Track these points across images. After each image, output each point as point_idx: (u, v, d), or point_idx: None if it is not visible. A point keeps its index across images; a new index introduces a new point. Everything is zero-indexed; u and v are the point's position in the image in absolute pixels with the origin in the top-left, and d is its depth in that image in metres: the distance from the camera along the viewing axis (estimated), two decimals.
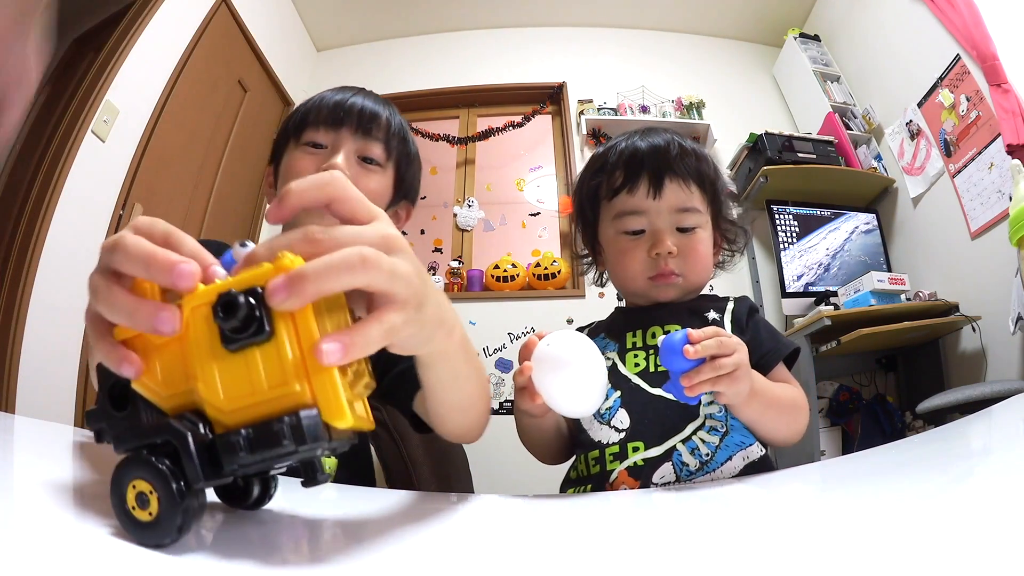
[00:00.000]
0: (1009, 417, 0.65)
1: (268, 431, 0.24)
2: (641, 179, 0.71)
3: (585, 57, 3.04)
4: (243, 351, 0.25)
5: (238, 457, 0.24)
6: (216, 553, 0.27)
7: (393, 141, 0.75)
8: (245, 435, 0.24)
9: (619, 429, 0.64)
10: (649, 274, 0.71)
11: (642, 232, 0.72)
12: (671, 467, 0.61)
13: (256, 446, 0.24)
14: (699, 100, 2.81)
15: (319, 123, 0.72)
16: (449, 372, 0.44)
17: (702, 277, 0.74)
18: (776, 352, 0.69)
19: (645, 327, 0.71)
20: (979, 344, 1.89)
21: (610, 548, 0.32)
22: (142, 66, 1.83)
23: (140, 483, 0.24)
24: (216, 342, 0.25)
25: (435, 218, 2.99)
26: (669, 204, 0.71)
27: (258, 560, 0.26)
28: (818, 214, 2.36)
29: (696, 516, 0.44)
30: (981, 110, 1.91)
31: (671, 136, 0.74)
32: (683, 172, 0.71)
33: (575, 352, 0.53)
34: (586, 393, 0.52)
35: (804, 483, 0.57)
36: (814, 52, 2.76)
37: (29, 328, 1.40)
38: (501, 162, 3.05)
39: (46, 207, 1.49)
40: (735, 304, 0.74)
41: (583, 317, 0.84)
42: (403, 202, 0.82)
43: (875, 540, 0.26)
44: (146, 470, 0.24)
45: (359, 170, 0.72)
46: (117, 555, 0.24)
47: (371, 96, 0.77)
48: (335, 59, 3.14)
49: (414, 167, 0.81)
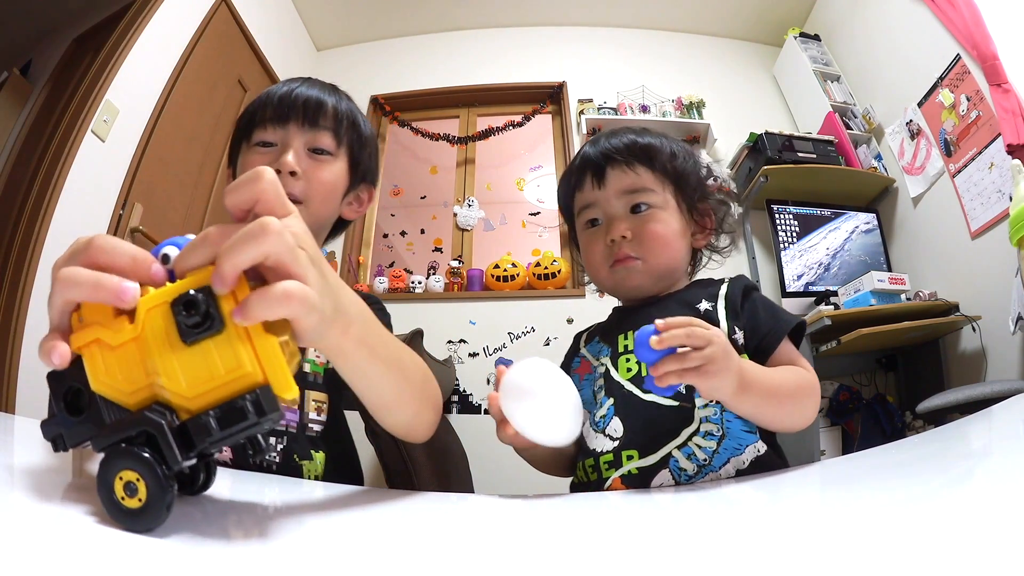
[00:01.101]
0: (1009, 417, 0.65)
1: (233, 409, 0.27)
2: (586, 175, 0.75)
3: (585, 57, 3.03)
4: (199, 343, 0.28)
5: (210, 435, 0.27)
6: (215, 554, 0.27)
7: (342, 128, 0.75)
8: (213, 415, 0.27)
9: (613, 438, 0.63)
10: (608, 262, 0.72)
11: (599, 222, 0.74)
12: (668, 474, 0.60)
13: (224, 423, 0.27)
14: (699, 100, 2.81)
15: (265, 121, 0.72)
16: (352, 369, 0.44)
17: (664, 257, 0.72)
18: (776, 332, 0.65)
19: (636, 328, 0.69)
20: (979, 344, 1.89)
21: (609, 548, 0.32)
22: (142, 66, 1.82)
23: (127, 473, 0.26)
24: (174, 338, 0.28)
25: (435, 218, 2.99)
26: (614, 189, 0.73)
27: (258, 560, 0.26)
28: (818, 214, 2.36)
29: (695, 516, 0.44)
30: (981, 110, 1.91)
31: (626, 134, 0.75)
32: (624, 158, 0.72)
33: (539, 380, 0.51)
34: (554, 422, 0.50)
35: (804, 483, 0.56)
36: (814, 52, 2.76)
37: (29, 328, 1.40)
38: (501, 162, 3.05)
39: (46, 207, 1.49)
40: (728, 287, 0.70)
41: (583, 317, 0.85)
42: (362, 185, 0.81)
43: (875, 540, 0.26)
44: (131, 460, 0.26)
45: (310, 163, 0.72)
46: (118, 555, 0.24)
47: (317, 84, 0.76)
48: (335, 59, 3.14)
49: (368, 149, 0.80)
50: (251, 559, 0.26)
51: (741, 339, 0.66)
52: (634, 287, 0.72)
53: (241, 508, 0.38)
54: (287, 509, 0.42)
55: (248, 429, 0.27)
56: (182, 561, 0.25)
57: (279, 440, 0.64)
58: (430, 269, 2.69)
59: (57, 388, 0.29)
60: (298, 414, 0.66)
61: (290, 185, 0.69)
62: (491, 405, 0.54)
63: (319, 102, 0.73)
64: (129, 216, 1.73)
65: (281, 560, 0.27)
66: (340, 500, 0.48)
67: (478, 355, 2.40)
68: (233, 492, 0.41)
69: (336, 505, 0.46)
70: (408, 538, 0.35)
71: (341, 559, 0.28)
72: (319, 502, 0.47)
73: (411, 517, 0.43)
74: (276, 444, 0.64)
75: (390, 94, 2.98)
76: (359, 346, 0.42)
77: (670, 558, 0.28)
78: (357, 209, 0.82)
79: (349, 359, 0.42)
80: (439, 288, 2.56)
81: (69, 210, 1.54)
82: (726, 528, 0.37)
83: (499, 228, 2.89)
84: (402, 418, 0.54)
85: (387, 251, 2.98)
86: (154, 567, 0.23)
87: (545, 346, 2.38)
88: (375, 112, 2.97)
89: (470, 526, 0.40)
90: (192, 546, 0.27)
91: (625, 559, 0.28)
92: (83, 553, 0.23)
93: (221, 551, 0.27)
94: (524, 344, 2.41)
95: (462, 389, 2.35)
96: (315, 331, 0.34)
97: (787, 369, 0.63)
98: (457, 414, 2.31)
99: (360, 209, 0.83)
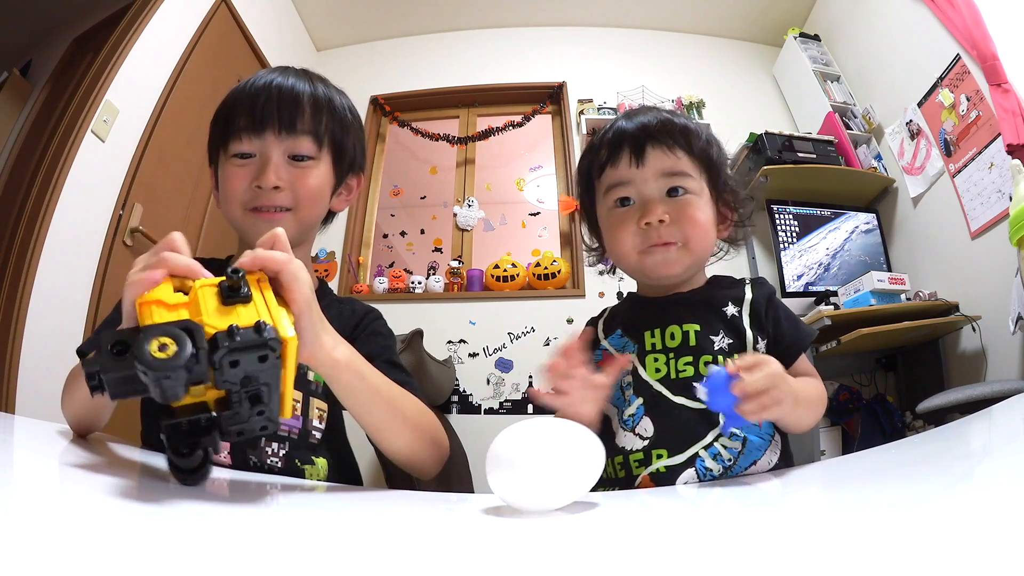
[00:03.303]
0: (1009, 417, 0.65)
1: (248, 333, 0.35)
2: (623, 151, 0.70)
3: (585, 57, 3.03)
4: (233, 306, 0.37)
5: (233, 341, 0.34)
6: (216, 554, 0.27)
7: (321, 126, 0.70)
8: (235, 333, 0.35)
9: (643, 437, 0.65)
10: (641, 247, 0.69)
11: (630, 202, 0.70)
12: (694, 472, 0.62)
13: (240, 336, 0.35)
14: (699, 100, 2.81)
15: (240, 131, 0.68)
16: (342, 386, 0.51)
17: (703, 245, 0.70)
18: (798, 343, 0.69)
19: (664, 326, 0.69)
20: (979, 344, 1.89)
21: (609, 547, 0.32)
22: (142, 66, 1.82)
23: (162, 339, 0.33)
24: (217, 302, 0.37)
25: (435, 218, 2.99)
26: (654, 170, 0.69)
27: (258, 560, 0.26)
28: (818, 214, 2.36)
29: (694, 516, 0.44)
30: (981, 110, 1.91)
31: (660, 112, 0.73)
32: (666, 140, 0.69)
33: (520, 450, 0.42)
34: (540, 491, 0.41)
35: (804, 483, 0.57)
36: (814, 52, 2.76)
37: (29, 328, 1.40)
38: (501, 162, 3.05)
39: (46, 207, 1.49)
40: (753, 293, 0.71)
41: (583, 317, 0.84)
42: (350, 175, 0.78)
43: (875, 540, 0.26)
44: (168, 329, 0.33)
45: (292, 171, 0.69)
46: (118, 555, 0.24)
47: (290, 74, 0.72)
48: (335, 59, 3.14)
49: (351, 136, 0.75)
50: (251, 558, 0.26)
51: (763, 348, 0.68)
52: (670, 274, 0.70)
53: (242, 507, 0.38)
54: (287, 508, 0.42)
55: (255, 347, 0.35)
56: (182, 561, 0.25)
57: (281, 446, 0.64)
58: (430, 269, 2.69)
59: (104, 344, 0.35)
60: (301, 420, 0.66)
61: (276, 198, 0.68)
62: (534, 397, 0.59)
63: (294, 99, 0.69)
64: (129, 216, 1.73)
65: (281, 560, 0.27)
66: (340, 500, 0.48)
67: (478, 355, 2.40)
68: (233, 491, 0.41)
69: (336, 505, 0.46)
70: (408, 538, 0.35)
71: (341, 559, 0.28)
72: (319, 502, 0.47)
73: (411, 517, 0.43)
74: (278, 449, 0.64)
75: (390, 94, 2.98)
76: (352, 376, 0.51)
77: (669, 558, 0.28)
78: (347, 199, 0.79)
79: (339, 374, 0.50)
80: (439, 288, 2.56)
81: (69, 210, 1.54)
82: (726, 527, 0.37)
83: (499, 228, 2.89)
84: (397, 446, 0.58)
85: (387, 251, 2.98)
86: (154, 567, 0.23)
87: (545, 346, 2.37)
88: (375, 112, 2.97)
89: (470, 526, 0.40)
90: (192, 546, 0.27)
91: (624, 558, 0.28)
92: (83, 552, 0.23)
93: (221, 551, 0.27)
94: (524, 344, 2.41)
95: (462, 389, 2.35)
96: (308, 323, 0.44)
97: (808, 380, 0.66)
98: (457, 414, 2.31)
99: (350, 198, 0.80)
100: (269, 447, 0.63)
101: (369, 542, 0.33)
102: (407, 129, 2.94)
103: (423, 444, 0.59)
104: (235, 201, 0.69)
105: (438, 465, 0.63)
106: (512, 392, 2.34)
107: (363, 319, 0.75)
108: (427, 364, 1.98)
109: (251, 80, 0.72)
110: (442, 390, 2.17)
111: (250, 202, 0.68)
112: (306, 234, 0.75)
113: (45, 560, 0.21)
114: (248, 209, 0.68)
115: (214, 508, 0.35)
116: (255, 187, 0.67)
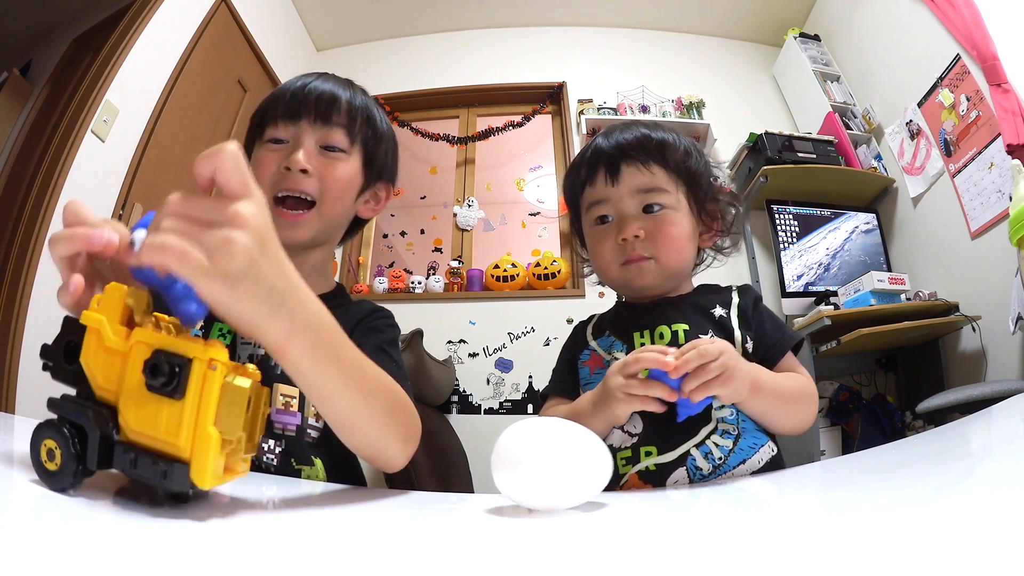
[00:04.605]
0: (1009, 417, 0.65)
1: (148, 463, 0.30)
2: (599, 169, 0.73)
3: (585, 57, 3.04)
4: (158, 396, 0.30)
5: (123, 465, 0.31)
6: (215, 553, 0.27)
7: (356, 124, 0.73)
8: (134, 456, 0.30)
9: (632, 434, 0.65)
10: (619, 261, 0.72)
11: (609, 219, 0.74)
12: (684, 472, 0.61)
13: (137, 467, 0.30)
14: (699, 100, 2.81)
15: (277, 118, 0.71)
16: (298, 376, 0.40)
17: (677, 259, 0.73)
18: (782, 344, 0.70)
19: (653, 327, 0.70)
20: (979, 344, 1.89)
21: (609, 547, 0.32)
22: (142, 66, 1.82)
23: (49, 442, 0.31)
24: (143, 378, 0.31)
25: (435, 218, 2.99)
26: (629, 187, 0.72)
27: (258, 560, 0.26)
28: (818, 214, 2.36)
29: (694, 515, 0.44)
30: (981, 110, 1.91)
31: (638, 128, 0.75)
32: (640, 156, 0.72)
33: (527, 448, 0.42)
34: (547, 489, 0.40)
35: (804, 483, 0.57)
36: (814, 52, 2.76)
37: (29, 328, 1.40)
38: (501, 162, 3.05)
39: (46, 207, 1.49)
40: (740, 297, 0.74)
41: (583, 317, 0.84)
42: (379, 183, 0.79)
43: (875, 540, 0.26)
44: (54, 432, 0.31)
45: (322, 160, 0.70)
46: (117, 554, 0.24)
47: (331, 79, 0.75)
48: (335, 59, 3.14)
49: (384, 145, 0.77)
50: (251, 558, 0.26)
51: (751, 347, 0.69)
52: (644, 286, 0.73)
53: (241, 507, 0.38)
54: (286, 508, 0.42)
55: (151, 484, 0.30)
56: (182, 560, 0.25)
57: (277, 443, 0.63)
58: (430, 269, 2.69)
59: (63, 334, 0.33)
60: (299, 416, 0.64)
61: (301, 183, 0.68)
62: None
63: (332, 97, 0.72)
64: (129, 216, 1.73)
65: (281, 560, 0.27)
66: (340, 499, 0.48)
67: (478, 355, 2.40)
68: (233, 490, 0.41)
69: (336, 504, 0.46)
70: (408, 538, 0.35)
71: (341, 559, 0.28)
72: (319, 501, 0.47)
73: (411, 517, 0.43)
74: (275, 447, 0.63)
75: (390, 94, 2.98)
76: (307, 354, 0.39)
77: (668, 558, 0.28)
78: (374, 207, 0.80)
79: (291, 363, 0.39)
80: (439, 288, 2.56)
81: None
82: (726, 528, 0.37)
83: (499, 228, 2.89)
84: (360, 442, 0.49)
85: (387, 251, 2.98)
86: (154, 566, 0.23)
87: (545, 346, 2.38)
88: None
89: (470, 526, 0.40)
90: (192, 546, 0.27)
91: (623, 558, 0.28)
92: (83, 551, 0.23)
93: (221, 550, 0.27)
94: (524, 344, 2.41)
95: (462, 389, 2.35)
96: (225, 305, 0.33)
97: (790, 375, 0.68)
98: (457, 414, 2.31)
99: (377, 208, 0.80)
100: (265, 444, 0.62)
101: (369, 542, 0.33)
102: (407, 129, 2.94)
103: (391, 443, 0.51)
104: (263, 188, 0.68)
105: (402, 462, 0.54)
106: (512, 392, 2.34)
107: (368, 316, 0.74)
108: (427, 364, 1.98)
109: (294, 79, 0.75)
110: (442, 390, 2.17)
111: (277, 184, 0.68)
112: (329, 233, 0.75)
113: (45, 560, 0.21)
114: (273, 203, 0.68)
115: (214, 508, 0.35)
116: (283, 169, 0.68)
